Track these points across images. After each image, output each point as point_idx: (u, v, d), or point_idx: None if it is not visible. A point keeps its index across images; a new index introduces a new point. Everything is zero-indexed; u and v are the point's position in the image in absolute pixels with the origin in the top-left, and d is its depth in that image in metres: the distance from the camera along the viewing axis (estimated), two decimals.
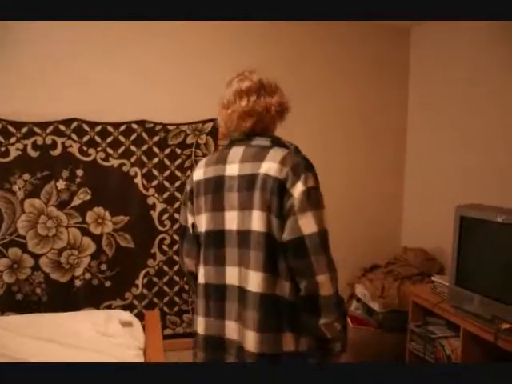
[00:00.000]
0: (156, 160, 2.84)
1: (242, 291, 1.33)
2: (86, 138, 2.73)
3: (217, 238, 1.38)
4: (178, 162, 2.88)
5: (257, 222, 1.30)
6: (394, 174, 3.36)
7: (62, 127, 2.68)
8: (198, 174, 1.45)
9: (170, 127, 2.85)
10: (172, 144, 2.86)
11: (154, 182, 2.85)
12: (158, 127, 2.83)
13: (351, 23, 3.10)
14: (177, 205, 2.88)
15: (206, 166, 1.45)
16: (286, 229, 1.28)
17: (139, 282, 2.86)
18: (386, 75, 3.30)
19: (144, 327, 2.16)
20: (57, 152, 2.68)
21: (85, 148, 2.73)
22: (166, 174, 2.86)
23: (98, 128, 2.74)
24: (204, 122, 2.90)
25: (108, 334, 1.92)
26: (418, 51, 3.22)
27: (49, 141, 2.66)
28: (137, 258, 2.85)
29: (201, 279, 1.42)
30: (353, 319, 2.96)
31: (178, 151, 2.88)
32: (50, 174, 2.66)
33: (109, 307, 2.78)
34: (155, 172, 2.84)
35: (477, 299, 2.05)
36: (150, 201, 2.85)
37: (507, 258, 1.96)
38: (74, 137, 2.71)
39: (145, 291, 2.86)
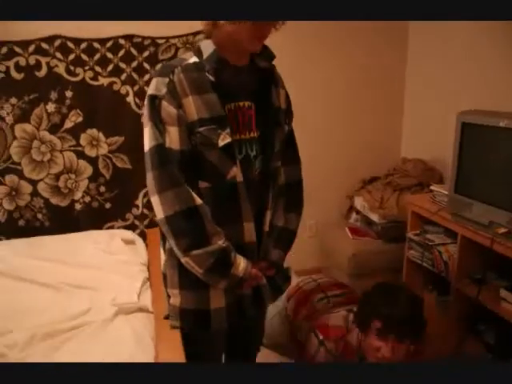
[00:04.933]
0: (147, 77, 2.70)
1: None
2: (71, 57, 2.58)
3: None
4: None
5: None
6: (393, 84, 3.24)
7: (44, 45, 2.53)
8: None
9: (159, 41, 2.69)
10: (163, 59, 2.70)
11: None
12: (146, 42, 2.67)
13: None
14: None
15: None
16: None
17: (139, 202, 2.86)
18: None
19: (147, 245, 2.18)
20: (42, 73, 2.55)
21: (72, 67, 2.59)
22: None
23: (84, 45, 2.59)
24: (195, 33, 2.72)
25: (111, 252, 1.95)
26: None
27: (32, 61, 2.52)
28: (135, 179, 2.81)
29: None
30: (352, 231, 3.01)
31: None
32: (38, 96, 2.55)
33: (111, 228, 2.81)
34: (147, 89, 2.73)
35: (475, 206, 2.05)
36: None
37: (508, 163, 1.93)
38: (59, 56, 2.56)
39: (145, 211, 2.87)
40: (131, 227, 2.83)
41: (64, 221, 2.73)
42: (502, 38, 2.38)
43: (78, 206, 2.76)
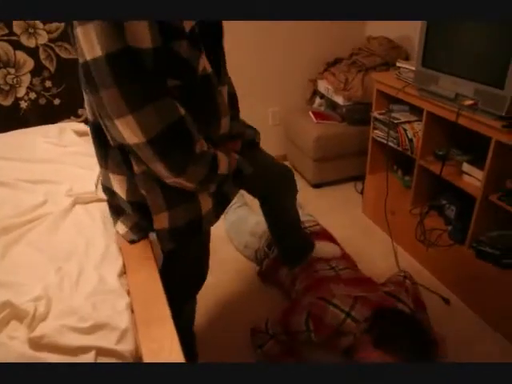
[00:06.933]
0: None
1: None
2: None
3: None
4: None
5: None
6: None
7: None
8: None
9: None
10: None
11: None
12: None
13: None
14: None
15: None
16: None
17: None
18: None
19: None
20: None
21: None
22: None
23: None
24: None
25: (63, 145, 1.83)
26: None
27: None
28: None
29: None
30: (316, 115, 2.94)
31: None
32: None
33: None
34: None
35: (442, 79, 1.99)
36: None
37: (478, 36, 1.84)
38: None
39: None
40: (86, 123, 2.68)
41: (10, 121, 2.54)
42: None
43: (23, 105, 2.56)
